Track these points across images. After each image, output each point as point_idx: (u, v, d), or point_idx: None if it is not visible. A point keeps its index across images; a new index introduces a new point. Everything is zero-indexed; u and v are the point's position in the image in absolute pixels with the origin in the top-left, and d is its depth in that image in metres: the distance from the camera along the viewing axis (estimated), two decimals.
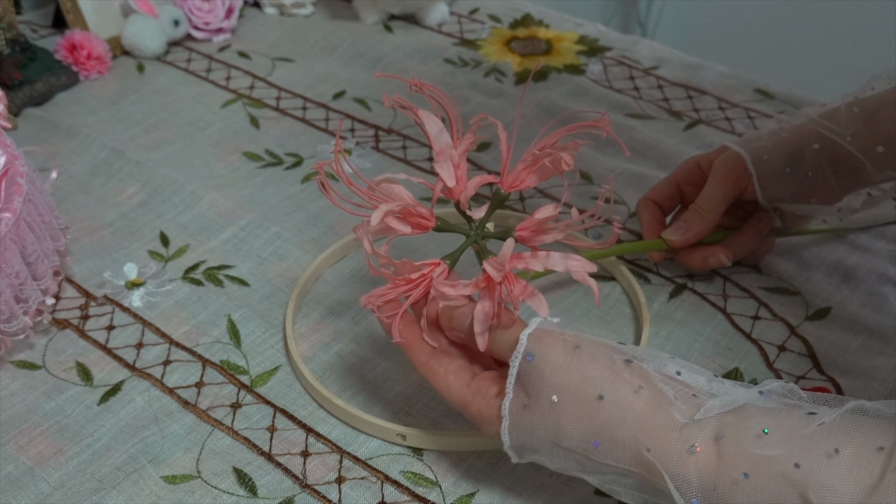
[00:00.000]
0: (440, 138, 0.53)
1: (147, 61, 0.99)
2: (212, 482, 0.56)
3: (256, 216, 0.76)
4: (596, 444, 0.46)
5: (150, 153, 0.84)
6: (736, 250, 0.68)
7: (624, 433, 0.46)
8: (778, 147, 0.66)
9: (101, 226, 0.76)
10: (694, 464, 0.44)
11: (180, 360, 0.64)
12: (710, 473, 0.44)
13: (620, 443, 0.46)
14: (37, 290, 0.63)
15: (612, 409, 0.46)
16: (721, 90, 0.94)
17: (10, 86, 0.88)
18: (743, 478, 0.43)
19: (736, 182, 0.67)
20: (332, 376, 0.63)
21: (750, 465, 0.43)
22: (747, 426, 0.44)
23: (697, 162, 0.70)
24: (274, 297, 0.69)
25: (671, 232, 0.68)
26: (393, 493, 0.55)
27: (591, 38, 1.03)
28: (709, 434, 0.44)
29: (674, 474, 0.44)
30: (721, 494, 0.43)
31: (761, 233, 0.69)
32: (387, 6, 1.06)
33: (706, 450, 0.44)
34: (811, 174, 0.65)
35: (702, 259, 0.68)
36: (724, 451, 0.44)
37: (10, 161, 0.65)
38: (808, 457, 0.42)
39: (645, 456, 0.45)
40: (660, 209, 0.71)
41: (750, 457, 0.43)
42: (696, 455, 0.44)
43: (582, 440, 0.47)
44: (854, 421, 0.43)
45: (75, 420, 0.60)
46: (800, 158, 0.65)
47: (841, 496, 0.41)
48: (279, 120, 0.90)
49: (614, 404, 0.46)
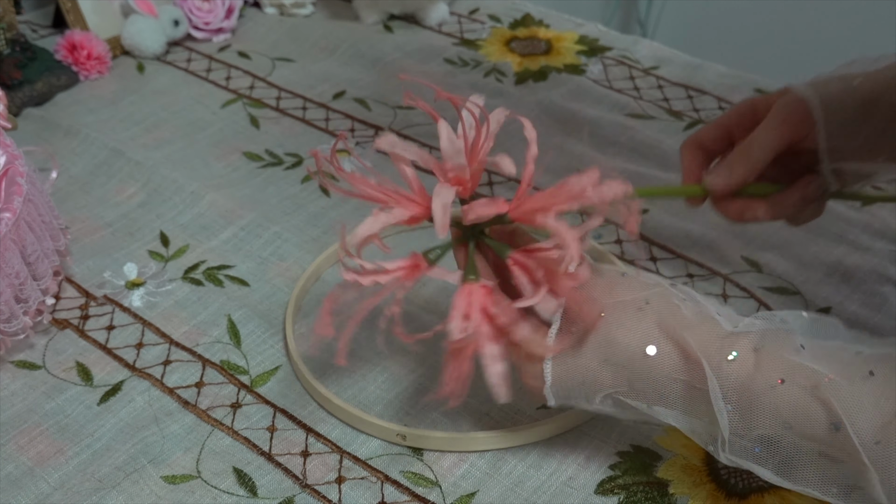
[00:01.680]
0: (449, 151, 0.50)
1: (147, 61, 0.99)
2: (212, 482, 0.56)
3: (256, 216, 0.77)
4: (651, 350, 0.48)
5: (150, 153, 0.84)
6: (777, 211, 0.62)
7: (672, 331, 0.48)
8: (848, 94, 0.59)
9: (101, 226, 0.76)
10: (732, 369, 0.46)
11: (180, 360, 0.64)
12: (746, 378, 0.46)
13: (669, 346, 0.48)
14: (37, 290, 0.63)
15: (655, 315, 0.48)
16: (721, 90, 0.94)
17: (10, 86, 0.88)
18: (778, 383, 0.45)
19: (795, 128, 0.59)
20: (332, 376, 0.63)
21: (786, 372, 0.45)
22: (787, 341, 0.46)
23: (753, 103, 0.63)
24: (274, 297, 0.69)
25: (714, 176, 0.61)
26: (393, 493, 0.55)
27: (591, 38, 1.03)
28: (749, 343, 0.47)
29: (712, 377, 0.46)
30: (756, 398, 0.45)
31: (808, 198, 0.62)
32: (387, 6, 1.06)
33: (744, 357, 0.46)
34: (884, 128, 0.58)
35: (738, 211, 0.62)
36: (762, 358, 0.46)
37: (10, 161, 0.65)
38: (842, 373, 0.44)
39: (690, 352, 0.47)
40: (704, 153, 0.64)
41: (787, 363, 0.45)
42: (734, 361, 0.46)
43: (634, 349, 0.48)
44: (892, 353, 0.44)
45: (75, 420, 0.60)
46: (873, 109, 0.58)
47: (868, 415, 0.42)
48: (279, 120, 0.90)
49: (657, 312, 0.48)
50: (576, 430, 0.59)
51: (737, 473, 0.56)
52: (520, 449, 0.58)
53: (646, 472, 0.56)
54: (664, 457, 0.57)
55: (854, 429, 0.42)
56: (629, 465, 0.57)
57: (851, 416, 0.42)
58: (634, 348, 0.48)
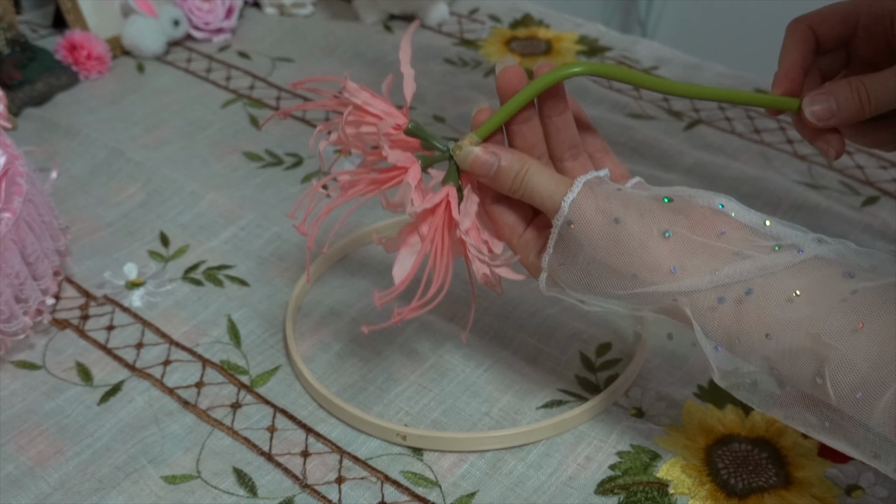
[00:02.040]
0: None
1: (147, 61, 0.99)
2: (212, 482, 0.56)
3: (256, 216, 0.77)
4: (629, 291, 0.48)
5: (150, 153, 0.84)
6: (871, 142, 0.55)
7: (652, 295, 0.47)
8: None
9: (101, 226, 0.76)
10: (719, 318, 0.45)
11: (180, 360, 0.64)
12: (734, 328, 0.45)
13: (651, 298, 0.47)
14: (37, 290, 0.63)
15: (645, 275, 0.47)
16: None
17: (10, 86, 0.88)
18: (766, 338, 0.44)
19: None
20: (332, 376, 0.63)
21: (773, 327, 0.44)
22: (779, 286, 0.44)
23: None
24: (274, 297, 0.69)
25: (814, 101, 0.51)
26: (393, 493, 0.55)
27: (591, 38, 1.03)
28: (737, 292, 0.45)
29: (701, 323, 0.46)
30: (745, 347, 0.45)
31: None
32: (387, 6, 1.06)
33: (731, 305, 0.45)
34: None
35: (815, 137, 0.53)
36: (749, 310, 0.44)
37: (10, 161, 0.65)
38: (832, 328, 0.42)
39: (674, 304, 0.46)
40: (815, 41, 0.54)
41: (774, 319, 0.44)
42: (722, 309, 0.45)
43: (615, 291, 0.48)
44: (889, 293, 0.42)
45: (75, 420, 0.60)
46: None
47: (857, 371, 0.41)
48: (279, 120, 0.90)
49: (649, 269, 0.47)
50: (576, 430, 0.59)
51: (737, 473, 0.56)
52: (520, 449, 0.58)
53: (646, 472, 0.56)
54: (664, 457, 0.57)
55: (833, 384, 0.41)
56: (629, 465, 0.57)
57: (834, 373, 0.41)
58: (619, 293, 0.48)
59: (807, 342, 0.42)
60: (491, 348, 0.65)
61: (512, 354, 0.64)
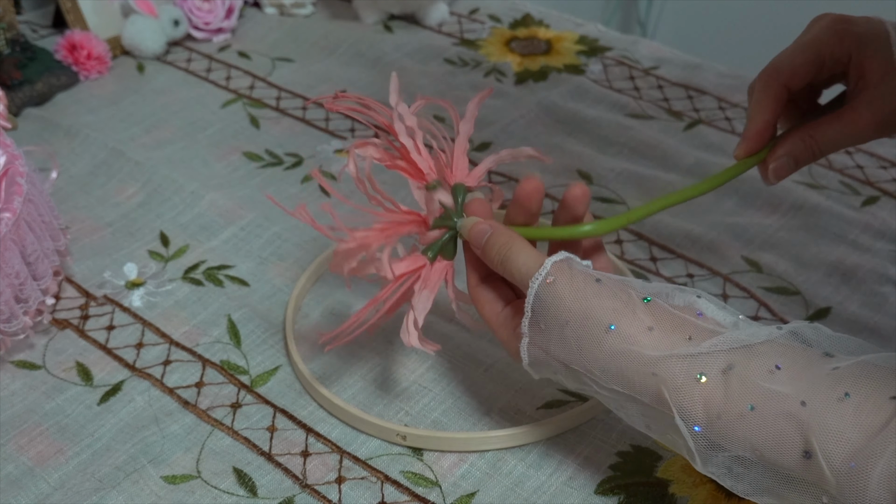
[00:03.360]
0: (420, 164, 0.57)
1: (147, 61, 0.99)
2: (212, 482, 0.56)
3: (256, 216, 0.76)
4: (602, 369, 0.47)
5: (150, 153, 0.84)
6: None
7: (629, 364, 0.46)
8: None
9: (101, 226, 0.76)
10: (700, 393, 0.44)
11: (180, 360, 0.64)
12: (715, 403, 0.43)
13: (626, 372, 0.46)
14: (37, 290, 0.63)
15: (619, 342, 0.46)
16: (721, 90, 0.94)
17: (10, 86, 0.88)
18: (749, 410, 0.42)
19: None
20: (332, 376, 0.63)
21: (757, 399, 0.42)
22: (759, 361, 0.43)
23: (845, 21, 0.53)
24: (274, 297, 0.69)
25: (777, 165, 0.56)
26: (393, 493, 0.55)
27: (591, 38, 1.03)
28: (718, 365, 0.44)
29: (678, 401, 0.44)
30: (725, 424, 0.43)
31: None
32: (387, 6, 1.06)
33: (713, 380, 0.44)
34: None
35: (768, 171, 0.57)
36: (731, 382, 0.43)
37: (10, 161, 0.65)
38: (817, 398, 0.41)
39: (650, 382, 0.45)
40: (787, 94, 0.55)
41: (758, 390, 0.42)
42: (702, 384, 0.44)
43: (589, 365, 0.47)
44: (870, 369, 0.42)
45: (75, 420, 0.60)
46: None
47: (845, 441, 0.40)
48: (279, 120, 0.90)
49: (623, 338, 0.46)
50: (576, 430, 0.59)
51: None
52: (520, 449, 0.58)
53: (646, 472, 0.56)
54: (664, 457, 0.57)
55: (825, 455, 0.40)
56: (629, 465, 0.57)
57: (823, 444, 0.40)
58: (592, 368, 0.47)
59: (792, 409, 0.41)
60: (491, 348, 0.65)
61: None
